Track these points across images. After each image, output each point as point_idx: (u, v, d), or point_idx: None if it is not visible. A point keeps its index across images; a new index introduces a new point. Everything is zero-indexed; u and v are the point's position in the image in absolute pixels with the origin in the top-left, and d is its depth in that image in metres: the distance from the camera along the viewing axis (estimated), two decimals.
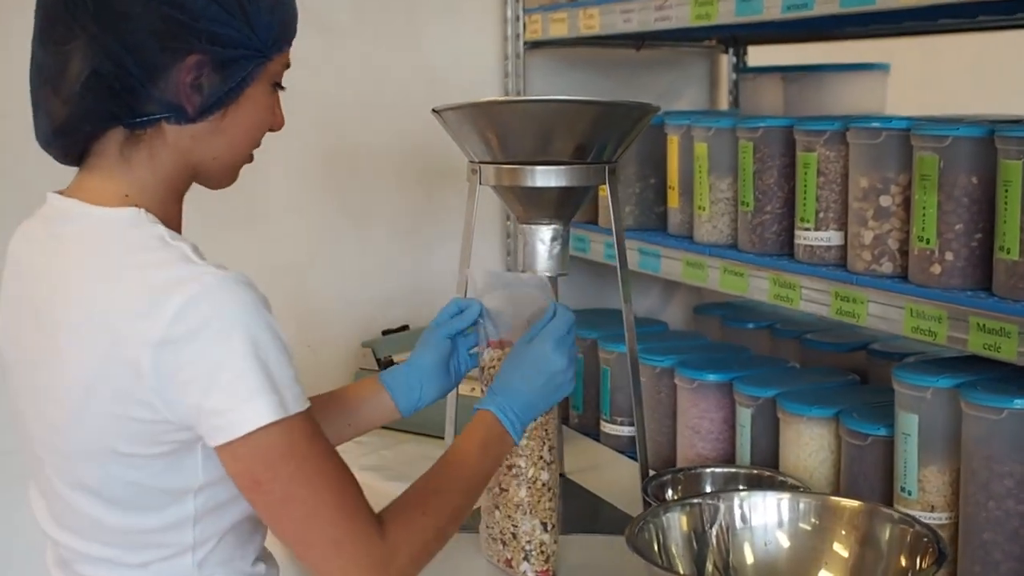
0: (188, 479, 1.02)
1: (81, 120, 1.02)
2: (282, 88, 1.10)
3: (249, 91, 1.05)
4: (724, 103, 2.42)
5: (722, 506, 1.18)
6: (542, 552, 1.37)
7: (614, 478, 1.80)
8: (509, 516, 1.37)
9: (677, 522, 1.15)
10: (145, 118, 1.02)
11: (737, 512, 1.17)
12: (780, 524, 1.18)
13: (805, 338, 1.90)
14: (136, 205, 1.04)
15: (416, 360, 1.33)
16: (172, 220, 1.08)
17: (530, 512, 1.36)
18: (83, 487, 1.03)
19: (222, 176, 1.11)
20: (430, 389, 1.32)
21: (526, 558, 1.36)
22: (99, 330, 0.98)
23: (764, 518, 1.18)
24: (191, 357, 0.95)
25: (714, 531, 1.16)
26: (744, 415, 1.62)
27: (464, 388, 1.49)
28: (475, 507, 1.18)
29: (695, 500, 1.19)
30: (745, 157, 1.61)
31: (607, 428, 1.94)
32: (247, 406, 0.96)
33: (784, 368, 1.74)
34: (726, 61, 2.41)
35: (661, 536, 1.13)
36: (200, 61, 1.01)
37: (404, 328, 2.06)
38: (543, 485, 1.36)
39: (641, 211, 1.87)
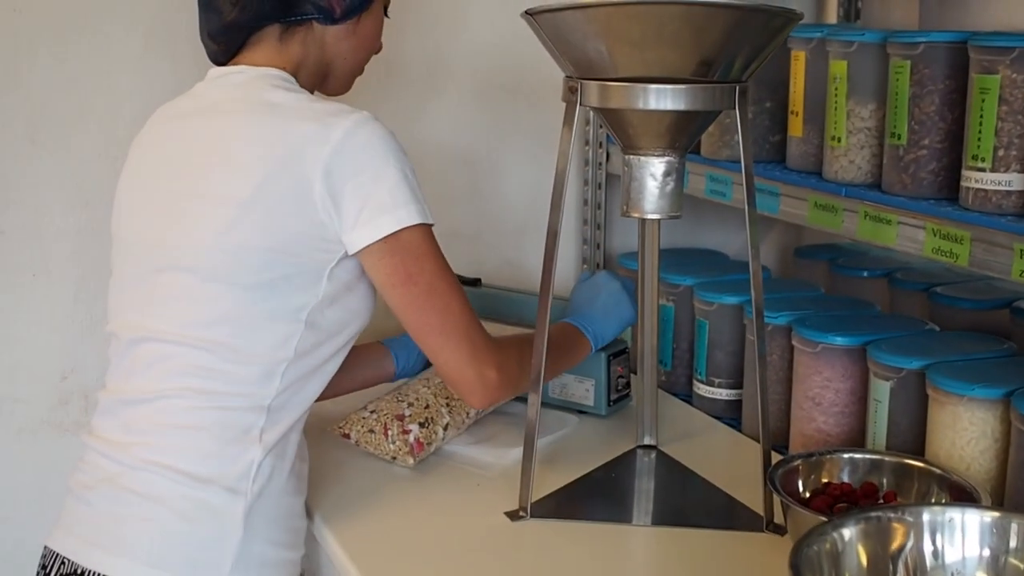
0: (309, 296, 1.19)
1: (249, 18, 1.24)
2: (387, 16, 1.36)
3: (374, 5, 1.31)
4: (832, 16, 2.12)
5: (910, 522, 0.92)
6: (434, 433, 1.48)
7: (710, 449, 1.56)
8: (437, 399, 1.50)
9: (854, 547, 0.90)
10: (300, 17, 1.25)
11: (928, 538, 0.92)
12: (985, 556, 0.93)
13: (934, 292, 1.64)
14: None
15: None
16: None
17: (452, 410, 1.51)
18: (231, 281, 1.17)
19: (344, 79, 1.34)
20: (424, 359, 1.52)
21: (422, 425, 1.47)
22: (268, 141, 1.17)
23: (963, 547, 0.92)
24: (357, 168, 1.16)
25: (901, 563, 0.91)
26: (881, 389, 1.36)
27: None
28: None
29: (874, 514, 0.94)
30: (899, 79, 1.33)
31: (701, 390, 1.70)
32: (403, 209, 1.18)
33: (922, 331, 1.48)
34: None
35: (834, 569, 0.88)
36: None
37: (476, 282, 1.78)
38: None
39: (751, 140, 1.59)
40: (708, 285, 1.69)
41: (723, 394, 1.67)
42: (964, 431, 1.25)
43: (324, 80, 1.32)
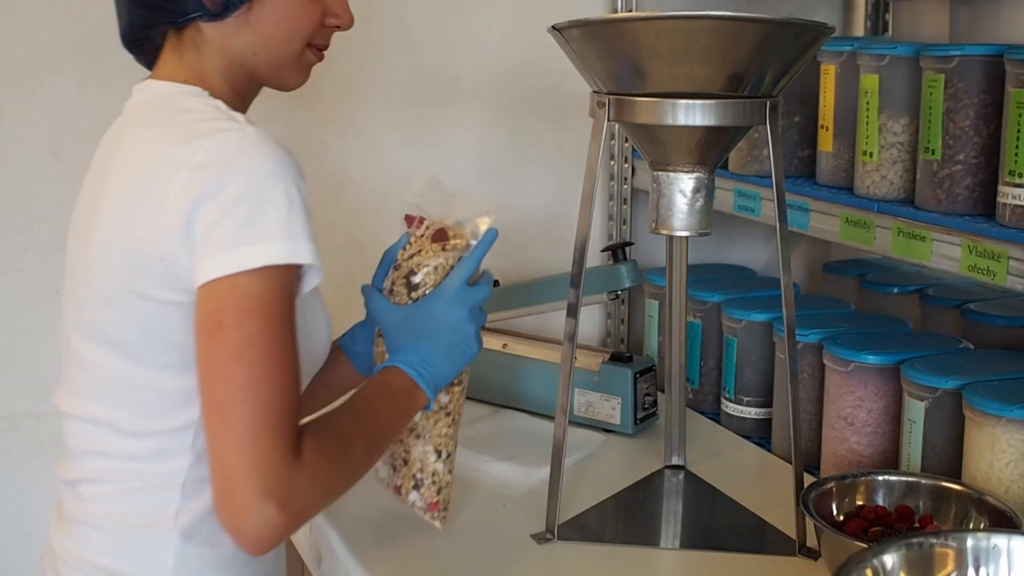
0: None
1: (136, 27, 1.10)
2: None
3: None
4: (859, 29, 2.09)
5: (954, 548, 0.90)
6: (434, 482, 1.19)
7: (739, 469, 1.54)
8: (401, 439, 1.19)
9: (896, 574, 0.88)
10: (182, 18, 1.07)
11: (973, 565, 0.90)
12: None
13: (968, 309, 1.61)
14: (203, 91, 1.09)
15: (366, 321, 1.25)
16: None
17: (423, 436, 1.18)
18: (103, 337, 1.02)
19: (274, 74, 1.11)
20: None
21: (416, 486, 1.19)
22: (137, 167, 1.02)
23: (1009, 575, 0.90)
24: (213, 192, 0.96)
25: None
26: (915, 409, 1.33)
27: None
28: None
29: (915, 540, 0.91)
30: (933, 93, 1.30)
31: (730, 408, 1.67)
32: (250, 248, 0.95)
33: (957, 349, 1.45)
34: None
35: None
36: None
37: (493, 284, 1.78)
38: (440, 408, 1.18)
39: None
40: (736, 302, 1.67)
41: (752, 412, 1.65)
42: (1002, 453, 1.22)
43: (252, 80, 1.11)
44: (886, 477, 1.24)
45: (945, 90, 1.28)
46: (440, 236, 1.18)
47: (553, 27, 1.22)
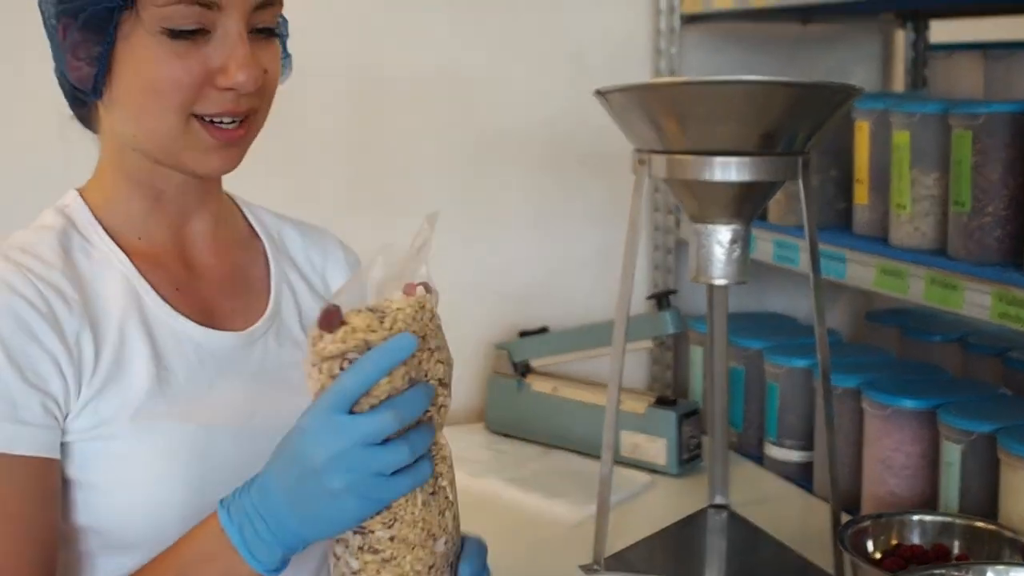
0: None
1: (72, 108, 0.96)
2: (185, 35, 0.86)
3: (123, 48, 0.88)
4: (899, 84, 2.16)
5: None
6: None
7: (781, 510, 1.58)
8: None
9: None
10: (80, 99, 0.93)
11: None
12: None
13: (1009, 357, 1.65)
14: (85, 188, 0.97)
15: None
16: (133, 214, 0.95)
17: None
18: None
19: (169, 157, 0.91)
20: None
21: None
22: None
23: None
24: None
25: None
26: (952, 452, 1.38)
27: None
28: None
29: (938, 571, 0.96)
30: (961, 149, 1.36)
31: (773, 452, 1.72)
32: None
33: (995, 395, 1.49)
34: (903, 37, 2.14)
35: None
36: (66, 23, 0.89)
37: (543, 330, 1.87)
38: (352, 573, 0.80)
39: (818, 207, 1.64)
40: (777, 348, 1.72)
41: (795, 456, 1.69)
42: None
43: (156, 167, 0.93)
44: (921, 517, 1.29)
45: (973, 146, 1.34)
46: (328, 320, 0.77)
47: (598, 91, 1.31)
